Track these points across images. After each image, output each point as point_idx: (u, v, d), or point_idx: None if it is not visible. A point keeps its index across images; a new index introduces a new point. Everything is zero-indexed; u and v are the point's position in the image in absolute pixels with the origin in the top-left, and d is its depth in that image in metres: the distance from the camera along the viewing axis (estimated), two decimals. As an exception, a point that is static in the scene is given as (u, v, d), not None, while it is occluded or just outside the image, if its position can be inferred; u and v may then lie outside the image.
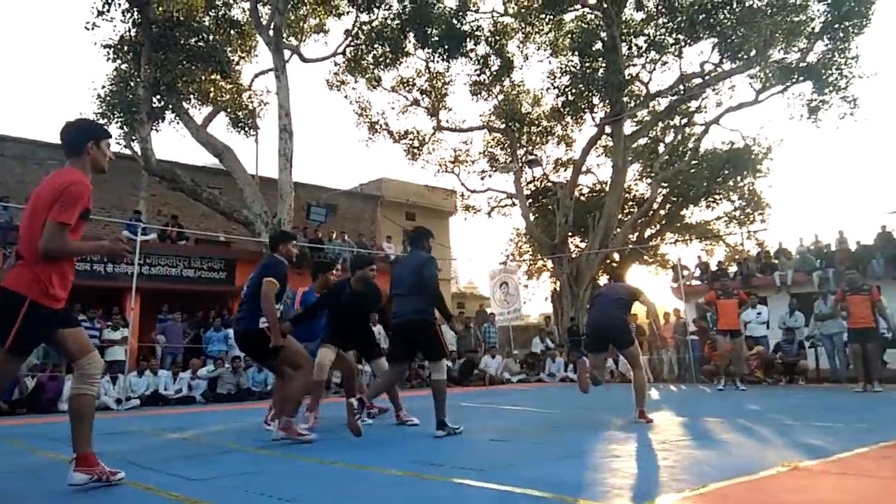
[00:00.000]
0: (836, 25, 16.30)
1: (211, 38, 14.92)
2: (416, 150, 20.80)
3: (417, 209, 25.62)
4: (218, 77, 15.25)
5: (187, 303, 13.69)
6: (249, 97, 16.81)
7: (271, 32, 15.04)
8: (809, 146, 53.29)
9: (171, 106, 14.70)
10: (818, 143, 66.27)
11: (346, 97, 20.15)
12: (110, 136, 3.40)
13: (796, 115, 17.91)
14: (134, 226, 13.03)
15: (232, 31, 15.95)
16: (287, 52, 15.83)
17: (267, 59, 18.14)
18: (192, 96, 15.20)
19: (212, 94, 15.48)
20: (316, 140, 78.87)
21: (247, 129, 16.66)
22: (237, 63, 16.35)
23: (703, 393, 10.17)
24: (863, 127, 40.22)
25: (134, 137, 14.33)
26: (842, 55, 16.56)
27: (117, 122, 14.30)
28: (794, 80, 17.29)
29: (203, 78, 14.97)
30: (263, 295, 4.67)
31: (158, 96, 14.38)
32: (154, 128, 14.55)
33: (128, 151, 14.69)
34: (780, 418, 5.91)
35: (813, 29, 16.80)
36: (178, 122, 15.02)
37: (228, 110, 16.21)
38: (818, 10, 16.72)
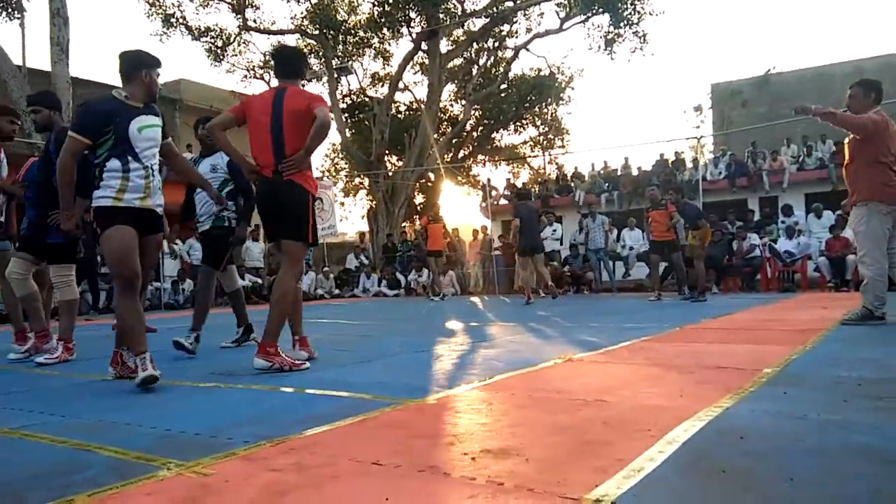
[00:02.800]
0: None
1: None
2: (219, 51, 19.10)
3: (224, 117, 23.78)
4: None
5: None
6: (12, -29, 14.09)
7: None
8: (605, 78, 57.92)
9: None
10: (613, 76, 72.22)
11: (135, -18, 17.70)
12: None
13: (595, 45, 19.26)
14: None
15: None
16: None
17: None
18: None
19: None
20: (99, 30, 68.64)
21: (10, 10, 14.06)
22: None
23: (504, 303, 11.01)
24: (650, 62, 44.58)
25: None
26: (636, -10, 17.91)
27: None
28: (594, 12, 18.42)
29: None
30: None
31: None
32: None
33: None
34: (563, 321, 6.59)
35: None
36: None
37: (-16, -15, 13.52)
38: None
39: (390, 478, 1.66)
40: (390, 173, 20.12)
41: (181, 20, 18.33)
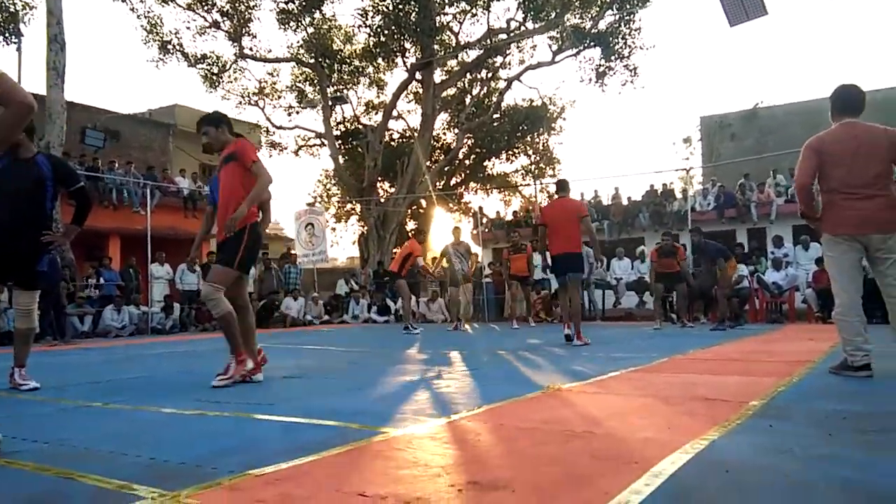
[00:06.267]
0: (624, -3, 17.87)
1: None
2: (215, 77, 19.25)
3: (217, 143, 23.87)
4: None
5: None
6: (10, -3, 14.28)
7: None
8: (596, 109, 58.68)
9: None
10: (604, 107, 73.20)
11: (132, 10, 17.85)
12: None
13: (586, 78, 19.59)
14: None
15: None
16: (58, -52, 13.55)
17: (32, -47, 15.38)
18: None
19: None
20: (96, 55, 69.16)
21: (7, 35, 14.19)
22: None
23: (494, 330, 10.99)
24: (640, 94, 45.18)
25: None
26: (627, 26, 18.27)
27: None
28: (585, 45, 18.77)
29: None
30: None
31: None
32: None
33: None
34: (554, 350, 6.58)
35: (605, -2, 18.29)
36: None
37: (-18, 11, 13.67)
38: (610, -20, 18.20)
39: (376, 509, 1.65)
40: (382, 200, 20.20)
41: (178, 47, 18.50)
